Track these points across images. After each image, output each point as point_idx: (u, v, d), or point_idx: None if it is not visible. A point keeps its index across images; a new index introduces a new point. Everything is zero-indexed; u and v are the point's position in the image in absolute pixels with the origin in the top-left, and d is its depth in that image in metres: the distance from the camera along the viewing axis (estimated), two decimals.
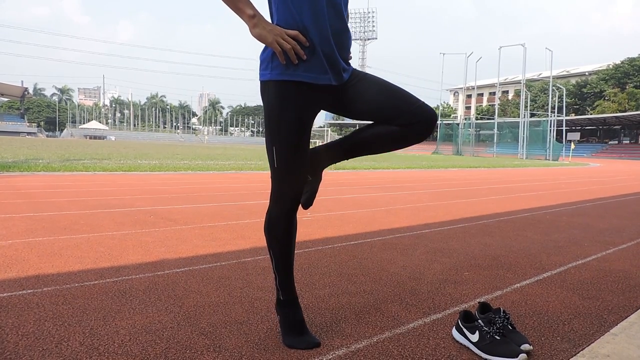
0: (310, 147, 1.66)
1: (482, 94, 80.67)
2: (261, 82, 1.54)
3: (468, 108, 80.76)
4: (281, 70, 1.47)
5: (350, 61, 1.63)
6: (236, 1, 1.44)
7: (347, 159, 1.70)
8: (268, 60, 1.49)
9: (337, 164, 1.77)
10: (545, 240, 3.67)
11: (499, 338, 1.61)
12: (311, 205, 1.67)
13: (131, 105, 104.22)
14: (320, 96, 1.53)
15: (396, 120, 1.53)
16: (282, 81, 1.48)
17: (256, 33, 1.43)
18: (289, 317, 1.68)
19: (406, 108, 1.52)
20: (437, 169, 14.84)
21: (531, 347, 1.63)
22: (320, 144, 1.77)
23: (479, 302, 1.81)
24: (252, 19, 1.43)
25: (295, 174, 1.56)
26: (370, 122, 1.62)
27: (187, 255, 2.83)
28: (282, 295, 1.70)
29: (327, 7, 1.45)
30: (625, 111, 52.75)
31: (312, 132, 1.64)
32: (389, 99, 1.53)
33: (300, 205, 1.67)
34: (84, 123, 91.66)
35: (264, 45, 1.51)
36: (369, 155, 1.79)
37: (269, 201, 1.65)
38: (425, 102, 1.56)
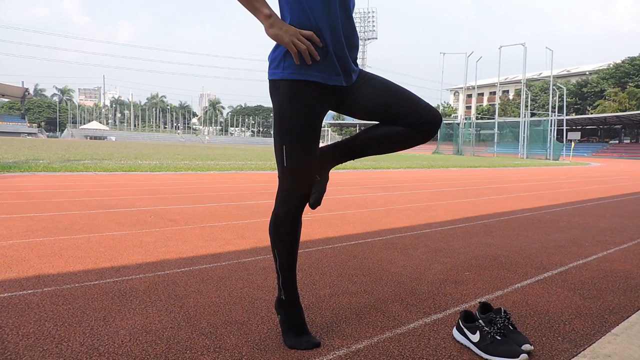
0: None
1: (482, 94, 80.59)
2: (271, 81, 1.53)
3: (468, 108, 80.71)
4: (294, 69, 1.48)
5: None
6: (252, 1, 1.45)
7: (354, 159, 1.71)
8: (280, 59, 1.49)
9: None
10: (545, 240, 3.66)
11: (499, 338, 1.60)
12: (319, 205, 1.68)
13: (131, 106, 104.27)
14: (329, 96, 1.55)
15: (403, 120, 1.56)
16: (294, 80, 1.48)
17: (272, 33, 1.44)
18: (290, 317, 1.68)
19: (412, 109, 1.55)
20: (438, 168, 14.83)
21: (532, 347, 1.62)
22: (322, 143, 1.77)
23: (479, 302, 1.81)
24: (268, 18, 1.44)
25: (305, 173, 1.57)
26: (376, 123, 1.64)
27: (187, 256, 2.82)
28: (284, 295, 1.70)
29: (339, 8, 1.47)
30: (625, 110, 52.67)
31: None
32: (396, 100, 1.56)
33: (307, 205, 1.67)
34: (84, 123, 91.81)
35: (273, 45, 1.51)
36: (370, 156, 1.80)
37: (275, 201, 1.65)
38: (430, 105, 1.59)
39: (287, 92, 1.49)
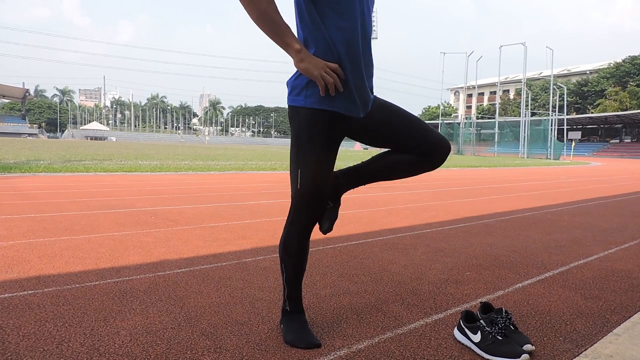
0: None
1: (482, 93, 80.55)
2: (291, 106, 1.56)
3: (469, 107, 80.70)
4: (315, 99, 1.51)
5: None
6: (283, 36, 1.47)
7: (365, 185, 1.76)
8: (302, 87, 1.52)
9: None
10: (546, 239, 3.66)
11: (501, 338, 1.60)
12: (331, 231, 1.72)
13: (132, 106, 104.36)
14: (346, 125, 1.58)
15: (415, 149, 1.61)
16: (316, 109, 1.52)
17: (303, 67, 1.47)
18: (294, 322, 1.70)
19: (424, 138, 1.60)
20: (438, 168, 14.80)
21: (533, 348, 1.62)
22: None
23: (480, 302, 1.80)
24: (298, 53, 1.47)
25: (317, 198, 1.60)
26: (387, 150, 1.69)
27: (187, 256, 2.82)
28: (289, 306, 1.73)
29: (360, 41, 1.49)
30: (626, 110, 52.61)
31: None
32: (408, 129, 1.61)
33: (317, 226, 1.70)
34: (84, 124, 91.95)
35: (294, 70, 1.53)
36: (380, 182, 1.83)
37: (286, 219, 1.68)
38: (440, 133, 1.64)
39: (307, 120, 1.53)
